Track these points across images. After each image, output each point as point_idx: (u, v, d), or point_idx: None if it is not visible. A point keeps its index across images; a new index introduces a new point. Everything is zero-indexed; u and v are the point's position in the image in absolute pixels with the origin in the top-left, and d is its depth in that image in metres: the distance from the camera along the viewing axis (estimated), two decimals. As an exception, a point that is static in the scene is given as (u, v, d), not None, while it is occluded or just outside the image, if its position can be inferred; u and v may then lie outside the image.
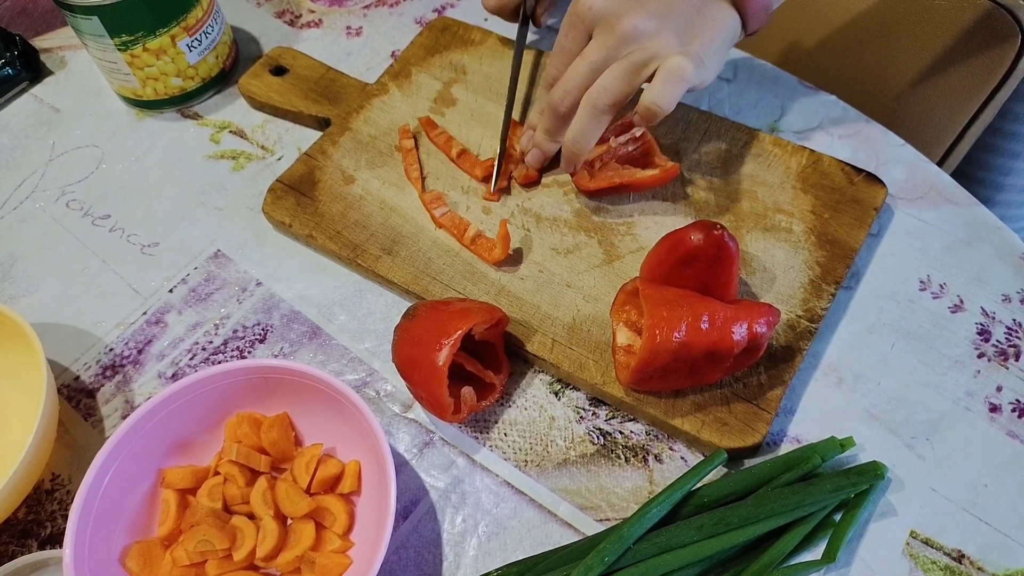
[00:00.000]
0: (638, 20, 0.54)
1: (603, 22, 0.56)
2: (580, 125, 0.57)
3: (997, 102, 0.73)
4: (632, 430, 0.54)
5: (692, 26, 0.55)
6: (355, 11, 0.79)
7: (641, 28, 0.54)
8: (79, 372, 0.59)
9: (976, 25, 0.69)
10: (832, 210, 0.60)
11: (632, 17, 0.54)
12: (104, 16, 0.62)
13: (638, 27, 0.54)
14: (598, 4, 0.56)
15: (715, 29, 0.56)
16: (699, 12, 0.56)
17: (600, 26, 0.56)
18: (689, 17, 0.55)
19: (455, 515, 0.52)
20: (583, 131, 0.57)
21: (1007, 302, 0.58)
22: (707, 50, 0.55)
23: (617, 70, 0.55)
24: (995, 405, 0.54)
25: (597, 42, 0.56)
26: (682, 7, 0.55)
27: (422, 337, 0.50)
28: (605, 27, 0.56)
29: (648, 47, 0.54)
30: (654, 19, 0.54)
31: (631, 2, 0.55)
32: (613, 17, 0.55)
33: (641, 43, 0.55)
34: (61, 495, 0.54)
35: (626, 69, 0.54)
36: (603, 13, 0.55)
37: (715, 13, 0.56)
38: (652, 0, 0.55)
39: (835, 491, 0.48)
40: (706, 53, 0.55)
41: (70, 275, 0.63)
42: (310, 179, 0.64)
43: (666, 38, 0.54)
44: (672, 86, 0.53)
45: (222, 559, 0.48)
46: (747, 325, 0.49)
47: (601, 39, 0.56)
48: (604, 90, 0.55)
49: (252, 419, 0.52)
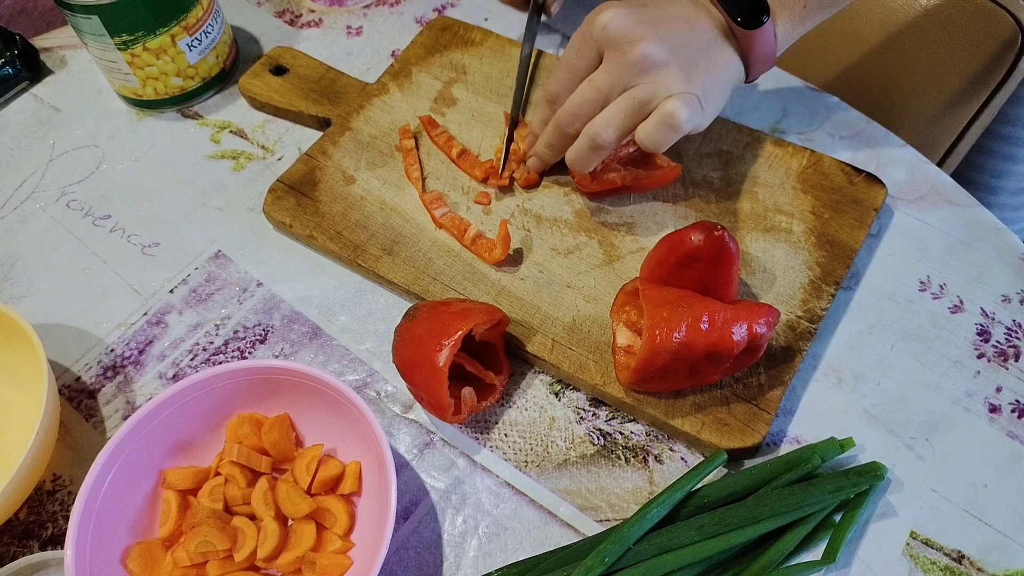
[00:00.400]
0: (650, 48, 0.53)
1: (615, 46, 0.54)
2: (580, 152, 0.57)
3: (997, 103, 0.73)
4: (632, 431, 0.54)
5: (697, 64, 0.55)
6: (355, 11, 0.79)
7: (651, 57, 0.53)
8: (80, 373, 0.59)
9: (976, 26, 0.69)
10: (832, 211, 0.60)
11: (645, 45, 0.53)
12: (104, 15, 0.62)
13: (648, 56, 0.53)
14: (612, 26, 0.54)
15: (717, 71, 0.56)
16: (704, 51, 0.55)
17: (612, 49, 0.55)
18: (695, 54, 0.55)
19: (455, 516, 0.52)
20: (583, 158, 0.57)
21: (1007, 303, 0.58)
22: (708, 92, 0.55)
23: (622, 106, 0.55)
24: (995, 406, 0.54)
25: (607, 67, 0.55)
26: (691, 41, 0.55)
27: (422, 338, 0.50)
28: (617, 52, 0.54)
29: (655, 80, 0.54)
30: (665, 48, 0.54)
31: (645, 27, 0.54)
32: (626, 42, 0.54)
33: (649, 74, 0.54)
34: (62, 496, 0.54)
35: (630, 106, 0.54)
36: (616, 37, 0.54)
37: (719, 55, 0.56)
38: (664, 27, 0.54)
39: (835, 491, 0.48)
40: (706, 95, 0.55)
41: (71, 275, 0.63)
42: (311, 179, 0.64)
43: (673, 71, 0.54)
44: (665, 132, 0.54)
45: (223, 560, 0.48)
46: (747, 326, 0.49)
47: (612, 65, 0.55)
48: (607, 126, 0.55)
49: (253, 420, 0.52)
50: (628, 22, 0.54)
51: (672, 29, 0.55)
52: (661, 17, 0.55)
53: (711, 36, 0.56)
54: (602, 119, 0.55)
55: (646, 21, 0.54)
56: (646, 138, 0.54)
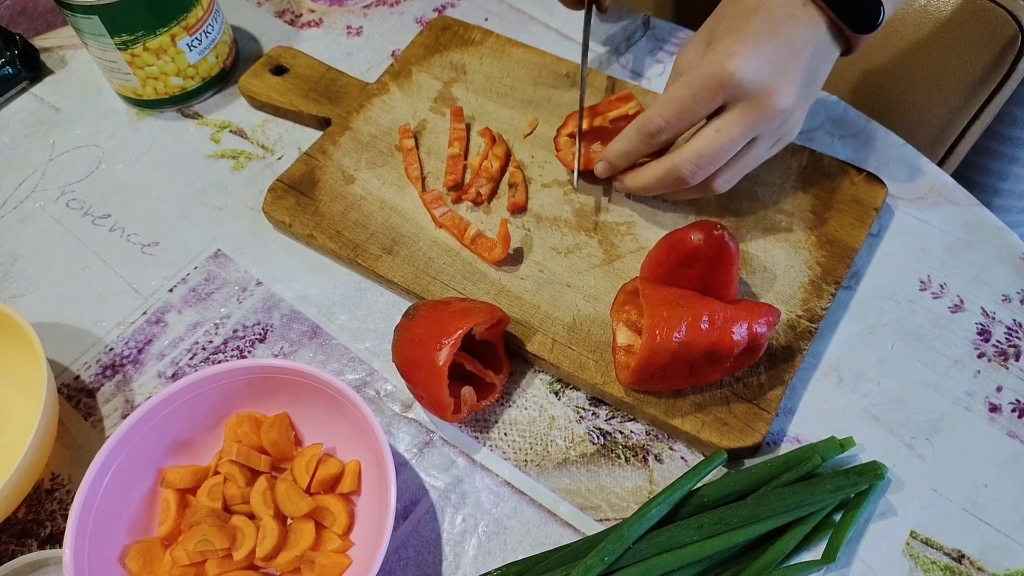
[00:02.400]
0: (787, 99, 0.51)
1: (751, 99, 0.51)
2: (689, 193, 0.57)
3: (997, 102, 0.73)
4: (632, 430, 0.54)
5: (811, 86, 0.53)
6: (355, 10, 0.79)
7: (787, 107, 0.51)
8: (79, 372, 0.59)
9: (976, 26, 0.69)
10: (832, 210, 0.60)
11: (782, 97, 0.51)
12: (104, 15, 0.62)
13: (785, 110, 0.51)
14: (749, 78, 0.50)
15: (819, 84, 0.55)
16: (818, 66, 0.53)
17: (747, 102, 0.51)
18: (813, 75, 0.53)
19: (455, 515, 0.52)
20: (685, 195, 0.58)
21: (1007, 302, 0.58)
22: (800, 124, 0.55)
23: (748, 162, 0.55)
24: (995, 405, 0.54)
25: (740, 122, 0.52)
26: (812, 64, 0.52)
27: (422, 337, 0.50)
28: (753, 105, 0.51)
29: (781, 129, 0.54)
30: (796, 92, 0.52)
31: (781, 73, 0.51)
32: (764, 96, 0.51)
33: (778, 123, 0.53)
34: (61, 495, 0.54)
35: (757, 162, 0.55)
36: (752, 90, 0.51)
37: (825, 68, 0.54)
38: (798, 64, 0.51)
39: (835, 491, 0.48)
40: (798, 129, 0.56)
41: (70, 275, 0.63)
42: (310, 179, 0.64)
43: (799, 112, 0.54)
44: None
45: (222, 559, 0.48)
46: (747, 325, 0.49)
47: (744, 119, 0.52)
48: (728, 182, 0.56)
49: (252, 419, 0.52)
50: (765, 71, 0.51)
51: (801, 61, 0.52)
52: (791, 50, 0.51)
53: (826, 47, 0.53)
54: (732, 171, 0.55)
55: (780, 64, 0.51)
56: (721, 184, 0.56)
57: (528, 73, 0.70)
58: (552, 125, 0.66)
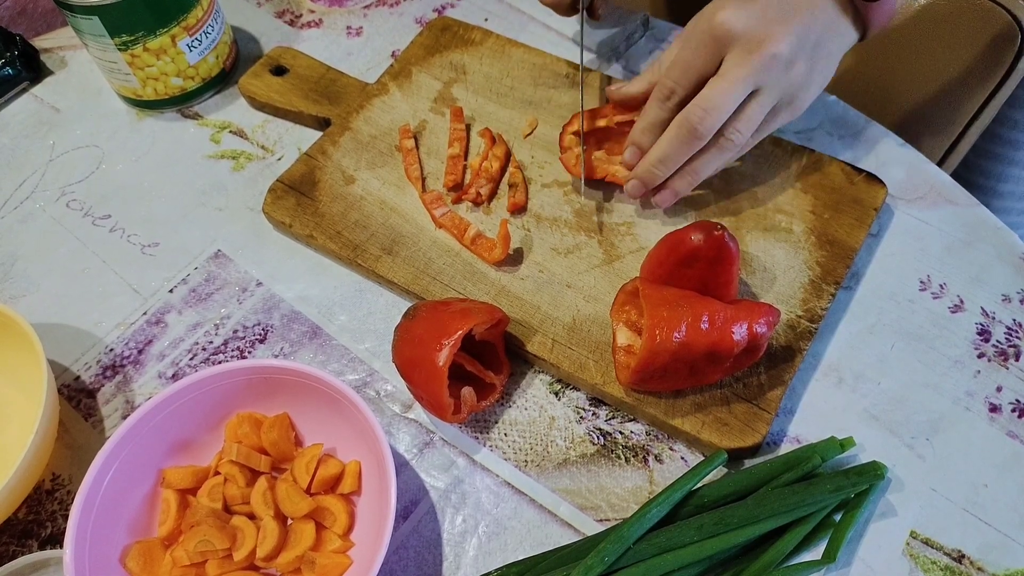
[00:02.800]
0: (779, 47, 0.52)
1: (742, 45, 0.53)
2: (709, 161, 0.57)
3: (997, 102, 0.73)
4: (632, 430, 0.54)
5: (819, 52, 0.54)
6: (355, 11, 0.79)
7: (780, 56, 0.52)
8: (79, 372, 0.59)
9: (976, 25, 0.69)
10: (832, 210, 0.60)
11: (774, 44, 0.52)
12: (104, 16, 0.62)
13: (777, 55, 0.52)
14: (739, 26, 0.52)
15: (831, 60, 0.56)
16: (825, 35, 0.54)
17: (738, 49, 0.53)
18: (817, 42, 0.54)
19: (455, 515, 0.52)
20: (710, 164, 0.57)
21: (1007, 302, 0.58)
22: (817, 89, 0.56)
23: (756, 108, 0.54)
24: (995, 405, 0.54)
25: (737, 66, 0.53)
26: (814, 28, 0.54)
27: (422, 337, 0.50)
28: (744, 51, 0.53)
29: (783, 80, 0.54)
30: (792, 44, 0.53)
31: (773, 24, 0.53)
32: (755, 42, 0.52)
33: (778, 73, 0.53)
34: (61, 495, 0.54)
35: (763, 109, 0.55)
36: (744, 36, 0.53)
37: (835, 39, 0.55)
38: (791, 21, 0.53)
39: (835, 491, 0.48)
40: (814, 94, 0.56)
41: (70, 275, 0.63)
42: (310, 179, 0.64)
43: (799, 66, 0.54)
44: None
45: (222, 559, 0.48)
46: (747, 325, 0.49)
47: (741, 64, 0.53)
48: (746, 126, 0.55)
49: (252, 419, 0.52)
50: (753, 21, 0.53)
51: (797, 20, 0.53)
52: (782, 7, 0.53)
53: (832, 16, 0.55)
54: (740, 123, 0.55)
55: (771, 18, 0.53)
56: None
57: (528, 73, 0.70)
58: (552, 125, 0.66)
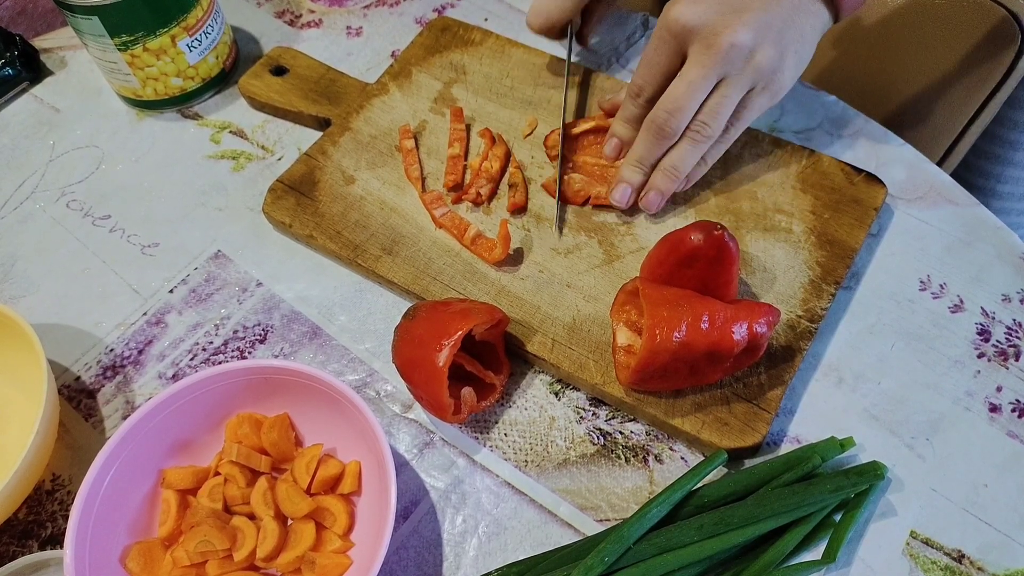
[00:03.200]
0: (736, 37, 0.52)
1: (699, 39, 0.53)
2: (684, 154, 0.57)
3: (997, 102, 0.73)
4: (632, 430, 0.54)
5: (784, 36, 0.54)
6: (355, 11, 0.79)
7: (739, 45, 0.52)
8: (80, 372, 0.59)
9: (976, 25, 0.69)
10: (832, 210, 0.60)
11: (730, 35, 0.52)
12: (104, 16, 0.62)
13: (736, 44, 0.52)
14: (691, 20, 0.53)
15: (804, 37, 0.55)
16: (791, 19, 0.54)
17: (696, 43, 0.54)
18: (782, 27, 0.54)
19: (455, 515, 0.52)
20: (685, 158, 0.57)
21: (1007, 302, 0.58)
22: (793, 71, 0.56)
23: (727, 99, 0.55)
24: (995, 405, 0.54)
25: (696, 61, 0.54)
26: (777, 15, 0.54)
27: (422, 338, 0.50)
28: (702, 45, 0.53)
29: (748, 69, 0.54)
30: (751, 31, 0.53)
31: (728, 15, 0.53)
32: (710, 34, 0.53)
33: (740, 63, 0.53)
34: (62, 495, 0.54)
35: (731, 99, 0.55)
36: (697, 29, 0.53)
37: (805, 19, 0.55)
38: (748, 10, 0.53)
39: (835, 491, 0.48)
40: (791, 77, 0.56)
41: (70, 276, 0.63)
42: (310, 179, 0.64)
43: (764, 52, 0.53)
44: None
45: (223, 559, 0.48)
46: (747, 325, 0.49)
47: (700, 58, 0.53)
48: (713, 117, 0.55)
49: (252, 419, 0.52)
50: (708, 15, 0.53)
51: (754, 11, 0.53)
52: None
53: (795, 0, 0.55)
54: (708, 112, 0.55)
55: (725, 10, 0.53)
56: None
57: (528, 73, 0.70)
58: (552, 126, 0.66)
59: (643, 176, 0.60)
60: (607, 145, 0.62)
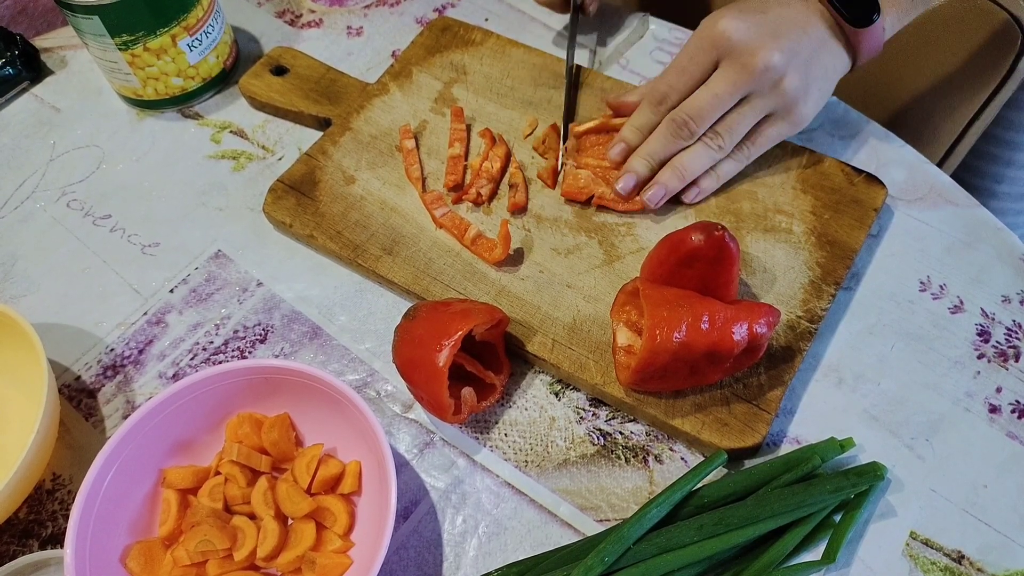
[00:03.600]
0: (771, 58, 0.55)
1: (735, 54, 0.56)
2: (695, 156, 0.58)
3: (997, 103, 0.73)
4: (632, 431, 0.54)
5: (811, 70, 0.56)
6: (356, 11, 0.79)
7: (772, 66, 0.55)
8: (80, 372, 0.59)
9: (976, 26, 0.69)
10: (832, 211, 0.60)
11: (766, 54, 0.55)
12: (105, 16, 0.62)
13: (770, 65, 0.55)
14: (735, 36, 0.55)
15: (827, 74, 0.58)
16: (817, 55, 0.57)
17: (731, 57, 0.56)
18: (809, 59, 0.56)
19: (455, 515, 0.52)
20: (696, 160, 0.59)
21: (1007, 303, 0.58)
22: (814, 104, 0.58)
23: (746, 114, 0.57)
24: (995, 406, 0.54)
25: (727, 75, 0.56)
26: (806, 47, 0.56)
27: (423, 338, 0.50)
28: (737, 60, 0.56)
29: (774, 92, 0.56)
30: (784, 57, 0.55)
31: (765, 36, 0.55)
32: (747, 52, 0.55)
33: (768, 83, 0.56)
34: (62, 495, 0.54)
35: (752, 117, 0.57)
36: (738, 46, 0.55)
37: (829, 57, 0.57)
38: (784, 36, 0.55)
39: (835, 492, 0.48)
40: (812, 109, 0.58)
41: (71, 275, 0.63)
42: (311, 179, 0.64)
43: (791, 79, 0.56)
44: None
45: (223, 559, 0.48)
46: (747, 325, 0.49)
47: (731, 72, 0.56)
48: (729, 131, 0.57)
49: (253, 419, 0.52)
50: (750, 32, 0.55)
51: (789, 37, 0.56)
52: (778, 24, 0.56)
53: (822, 37, 0.57)
54: (727, 124, 0.57)
55: (765, 31, 0.55)
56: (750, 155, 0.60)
57: (528, 73, 0.70)
58: (553, 126, 0.66)
59: (650, 170, 0.60)
60: (613, 148, 0.62)
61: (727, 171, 0.60)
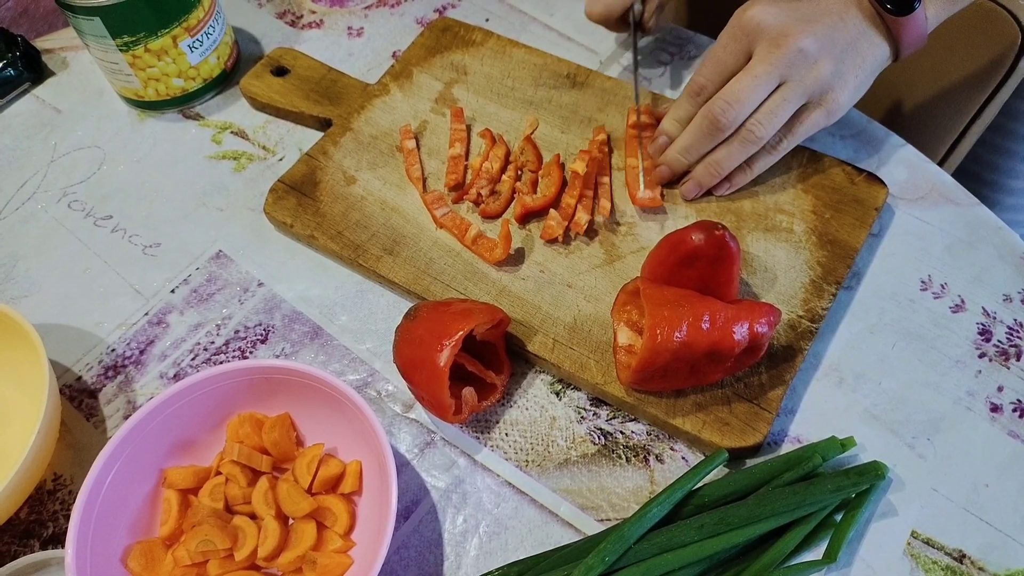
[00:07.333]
0: (805, 42, 0.54)
1: (768, 40, 0.55)
2: (731, 151, 0.58)
3: (997, 102, 0.73)
4: (633, 430, 0.54)
5: (846, 59, 0.56)
6: (356, 12, 0.79)
7: (806, 51, 0.54)
8: (81, 372, 0.59)
9: (976, 25, 0.69)
10: (833, 210, 0.60)
11: (799, 39, 0.54)
12: (106, 17, 0.63)
13: (804, 50, 0.54)
14: (767, 21, 0.55)
15: (864, 64, 0.56)
16: (854, 45, 0.56)
17: (765, 43, 0.55)
18: (845, 48, 0.56)
19: (456, 515, 0.52)
20: (731, 157, 0.58)
21: (1008, 302, 0.58)
22: (851, 94, 0.57)
23: (780, 103, 0.56)
24: (996, 405, 0.54)
25: (762, 59, 0.55)
26: (842, 35, 0.55)
27: (423, 338, 0.50)
28: (771, 45, 0.55)
29: (808, 78, 0.55)
30: (818, 42, 0.54)
31: (799, 22, 0.55)
32: (780, 36, 0.55)
33: (803, 69, 0.55)
34: (63, 495, 0.54)
35: (789, 105, 0.56)
36: (770, 31, 0.55)
37: (867, 47, 0.56)
38: (819, 22, 0.55)
39: (836, 491, 0.48)
40: (848, 98, 0.57)
41: (72, 276, 0.63)
42: (311, 179, 0.64)
43: (825, 65, 0.55)
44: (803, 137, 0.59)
45: (224, 559, 0.48)
46: (748, 325, 0.49)
47: (765, 58, 0.55)
48: (768, 119, 0.56)
49: (254, 419, 0.52)
50: (781, 18, 0.55)
51: (824, 24, 0.55)
52: (812, 12, 0.55)
53: (860, 28, 0.56)
54: (763, 112, 0.56)
55: (798, 17, 0.55)
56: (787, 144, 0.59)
57: (529, 74, 0.70)
58: (553, 126, 0.66)
59: (685, 164, 0.60)
60: (654, 143, 0.62)
61: (761, 165, 0.60)
